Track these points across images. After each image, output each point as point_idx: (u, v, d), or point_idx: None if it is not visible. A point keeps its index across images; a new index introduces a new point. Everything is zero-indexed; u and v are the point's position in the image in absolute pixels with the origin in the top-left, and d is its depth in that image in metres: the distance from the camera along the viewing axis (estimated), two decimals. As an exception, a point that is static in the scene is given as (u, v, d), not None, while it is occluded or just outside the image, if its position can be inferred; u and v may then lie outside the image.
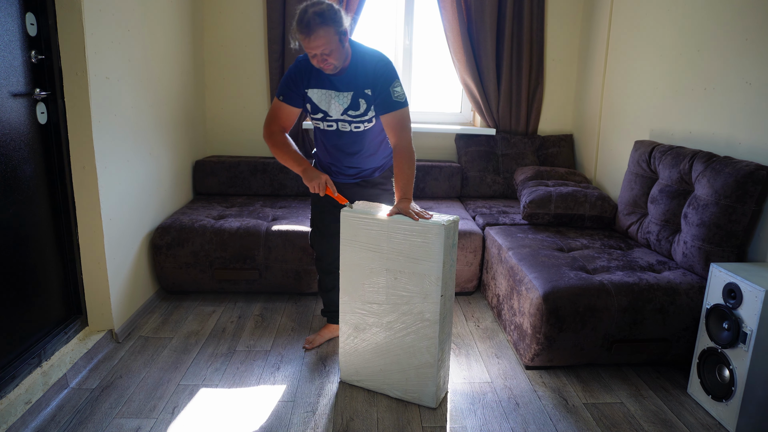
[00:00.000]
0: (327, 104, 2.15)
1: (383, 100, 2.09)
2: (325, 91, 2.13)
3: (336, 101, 2.13)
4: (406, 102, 2.12)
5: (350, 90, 2.12)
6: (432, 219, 1.93)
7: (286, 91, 2.16)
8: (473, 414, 2.04)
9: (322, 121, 2.19)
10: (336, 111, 2.15)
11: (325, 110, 2.16)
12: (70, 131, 2.23)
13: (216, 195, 3.52)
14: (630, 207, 2.84)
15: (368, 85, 2.11)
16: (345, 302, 2.12)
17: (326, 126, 2.20)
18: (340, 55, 2.01)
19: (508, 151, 3.74)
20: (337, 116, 2.16)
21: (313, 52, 1.96)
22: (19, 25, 2.01)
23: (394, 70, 2.14)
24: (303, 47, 1.99)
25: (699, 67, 2.58)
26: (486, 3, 3.53)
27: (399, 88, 2.10)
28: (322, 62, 2.00)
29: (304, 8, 1.96)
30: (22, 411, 1.88)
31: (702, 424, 2.02)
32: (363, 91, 2.12)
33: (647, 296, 2.20)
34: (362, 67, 2.09)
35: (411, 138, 2.14)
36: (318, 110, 2.17)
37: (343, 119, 2.16)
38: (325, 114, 2.17)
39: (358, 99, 2.12)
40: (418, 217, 1.93)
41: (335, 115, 2.16)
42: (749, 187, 2.14)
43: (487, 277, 2.96)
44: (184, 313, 2.78)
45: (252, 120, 3.77)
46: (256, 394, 2.12)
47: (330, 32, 1.93)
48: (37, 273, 2.13)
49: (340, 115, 2.16)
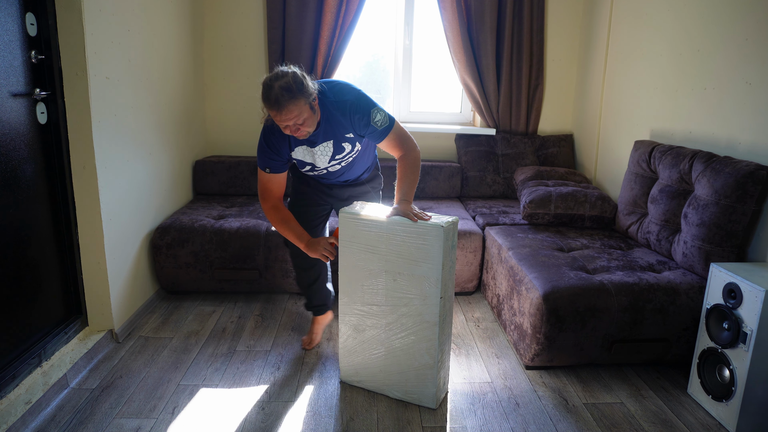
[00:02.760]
0: (312, 158, 2.15)
1: (371, 134, 2.08)
2: (305, 148, 2.12)
3: (319, 154, 2.13)
4: (392, 119, 2.07)
5: (329, 139, 2.09)
6: (431, 220, 1.93)
7: (270, 162, 2.10)
8: (473, 414, 2.04)
9: (311, 171, 2.22)
10: (322, 162, 2.16)
11: (312, 163, 2.17)
12: (70, 131, 2.23)
13: (216, 195, 3.52)
14: (630, 207, 2.84)
15: (347, 130, 2.08)
16: (344, 303, 2.12)
17: (317, 173, 2.24)
18: (313, 121, 1.96)
19: (508, 151, 3.74)
20: (325, 164, 2.18)
21: (285, 124, 1.91)
22: (19, 25, 2.01)
23: (365, 100, 2.05)
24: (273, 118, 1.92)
25: (699, 67, 2.58)
26: (486, 3, 3.53)
27: (379, 115, 2.03)
28: (295, 131, 1.94)
29: (268, 84, 1.87)
30: (22, 411, 1.88)
31: (702, 424, 2.02)
32: (344, 136, 2.10)
33: (647, 296, 2.20)
34: (334, 119, 2.04)
35: (414, 144, 2.12)
36: (305, 164, 2.19)
37: (331, 165, 2.19)
38: (312, 166, 2.19)
39: (340, 144, 2.12)
40: (417, 218, 1.93)
41: (323, 164, 2.18)
42: (749, 187, 2.14)
43: (487, 277, 2.96)
44: (184, 313, 2.78)
45: (252, 120, 3.77)
46: (256, 394, 2.12)
47: (300, 104, 1.87)
48: (37, 273, 2.13)
49: (328, 163, 2.17)
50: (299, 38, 3.51)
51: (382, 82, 3.97)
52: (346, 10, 3.46)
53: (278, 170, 2.13)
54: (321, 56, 3.53)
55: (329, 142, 2.09)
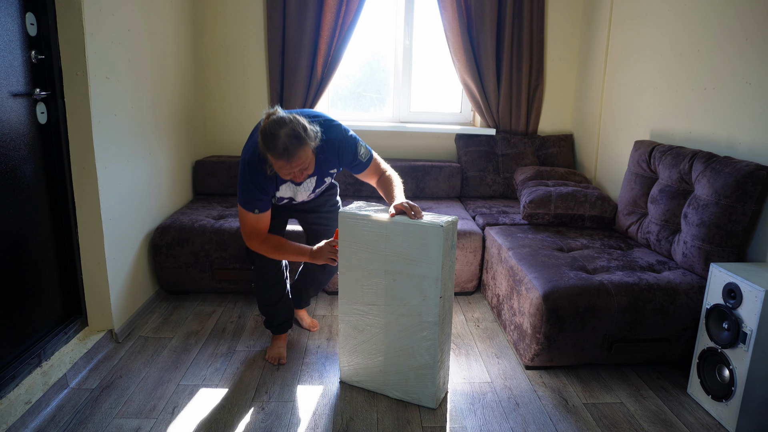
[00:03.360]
0: (293, 193, 2.18)
1: (355, 167, 2.16)
2: (289, 185, 2.14)
3: (302, 189, 2.18)
4: (371, 149, 2.17)
5: (314, 176, 2.14)
6: (431, 220, 1.92)
7: (259, 203, 2.05)
8: (473, 414, 2.04)
9: (288, 203, 2.24)
10: (302, 196, 2.21)
11: (291, 197, 2.20)
12: (70, 131, 2.23)
13: (216, 195, 3.52)
14: (630, 207, 2.84)
15: (333, 167, 2.15)
16: (344, 303, 2.12)
17: (291, 203, 2.26)
18: (314, 164, 1.98)
19: (508, 151, 3.74)
20: (304, 198, 2.23)
21: (292, 171, 1.89)
22: (19, 25, 2.01)
23: (350, 137, 2.09)
24: (275, 168, 1.90)
25: (699, 67, 2.58)
26: (486, 3, 3.53)
27: (363, 149, 2.12)
28: (299, 176, 1.93)
29: (272, 132, 1.83)
30: (22, 411, 1.88)
31: (702, 424, 2.02)
32: (328, 172, 2.17)
33: (647, 296, 2.20)
34: (324, 158, 2.07)
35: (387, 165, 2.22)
36: (283, 198, 2.20)
37: (309, 197, 2.25)
38: (291, 199, 2.21)
39: (323, 179, 2.18)
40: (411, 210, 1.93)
41: (302, 198, 2.23)
42: (749, 187, 2.13)
43: (487, 277, 2.96)
44: (184, 313, 2.78)
45: (252, 120, 3.77)
46: (256, 394, 2.12)
47: (308, 150, 1.88)
48: (37, 273, 2.13)
49: (307, 197, 2.23)
50: (299, 38, 3.51)
51: (382, 82, 3.97)
52: (346, 10, 3.46)
53: (266, 209, 2.08)
54: (321, 56, 3.53)
55: (313, 178, 2.15)
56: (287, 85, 3.60)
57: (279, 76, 3.62)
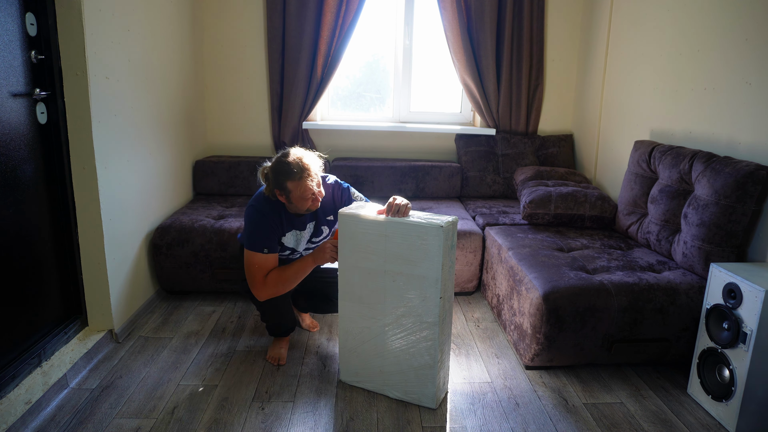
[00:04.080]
0: (296, 242, 2.24)
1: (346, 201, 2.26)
2: (294, 232, 2.21)
3: (302, 238, 2.23)
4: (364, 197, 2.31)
5: (313, 220, 2.24)
6: (430, 220, 1.92)
7: (269, 243, 2.11)
8: (473, 414, 2.04)
9: (288, 256, 2.29)
10: (302, 245, 2.26)
11: (293, 248, 2.25)
12: (70, 131, 2.23)
13: (216, 195, 3.52)
14: (630, 207, 2.84)
15: (330, 212, 2.26)
16: (344, 303, 2.12)
17: (291, 256, 2.30)
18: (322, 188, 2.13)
19: (508, 151, 3.74)
20: (303, 248, 2.28)
21: (311, 186, 2.02)
22: (19, 25, 2.01)
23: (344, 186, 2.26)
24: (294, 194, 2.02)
25: (699, 67, 2.58)
26: (486, 3, 3.53)
27: (353, 188, 2.29)
28: (318, 197, 2.08)
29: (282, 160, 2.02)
30: (22, 411, 1.88)
31: (702, 424, 2.02)
32: (325, 219, 2.27)
33: (647, 296, 2.20)
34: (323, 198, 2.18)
35: None
36: (286, 249, 2.25)
37: (306, 248, 2.30)
38: (292, 250, 2.26)
39: (320, 227, 2.27)
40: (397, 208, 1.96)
41: (301, 248, 2.27)
42: (749, 187, 2.13)
43: (487, 277, 2.96)
44: (184, 313, 2.78)
45: (252, 120, 3.78)
46: (256, 394, 2.12)
47: (316, 165, 2.08)
48: (37, 273, 2.13)
49: (305, 246, 2.28)
50: (299, 38, 3.51)
51: (382, 82, 3.97)
52: (346, 10, 3.46)
53: (274, 250, 2.13)
54: (321, 56, 3.53)
55: (312, 223, 2.24)
56: (287, 85, 3.60)
57: (279, 76, 3.62)
